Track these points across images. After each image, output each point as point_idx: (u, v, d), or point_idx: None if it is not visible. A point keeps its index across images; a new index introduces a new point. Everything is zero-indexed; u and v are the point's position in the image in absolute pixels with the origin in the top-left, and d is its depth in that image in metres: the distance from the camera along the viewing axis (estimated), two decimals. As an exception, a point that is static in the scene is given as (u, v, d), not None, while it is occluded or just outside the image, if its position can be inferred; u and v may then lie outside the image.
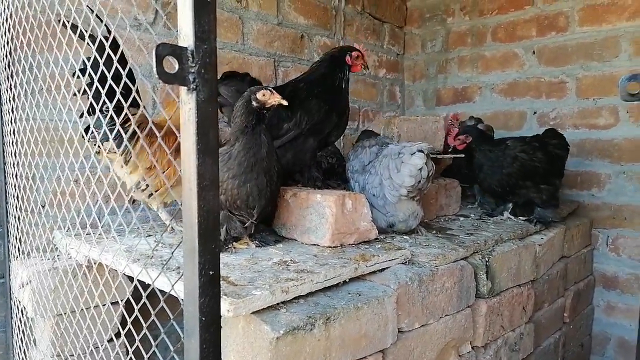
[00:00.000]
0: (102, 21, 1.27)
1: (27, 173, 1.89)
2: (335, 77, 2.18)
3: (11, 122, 1.96)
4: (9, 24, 1.87)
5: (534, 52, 3.47)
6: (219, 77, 2.10)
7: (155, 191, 1.87)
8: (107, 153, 1.78)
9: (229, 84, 2.13)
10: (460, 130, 2.68)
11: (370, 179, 2.10)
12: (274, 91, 1.66)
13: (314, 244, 1.84)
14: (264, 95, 1.64)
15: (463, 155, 2.65)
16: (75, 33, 1.36)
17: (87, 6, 1.22)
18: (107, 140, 1.68)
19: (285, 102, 1.67)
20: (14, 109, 1.91)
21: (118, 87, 1.04)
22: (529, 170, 2.51)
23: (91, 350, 1.87)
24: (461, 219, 2.65)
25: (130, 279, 1.28)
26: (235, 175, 1.66)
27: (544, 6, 3.39)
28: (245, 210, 1.72)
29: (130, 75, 1.06)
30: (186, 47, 0.81)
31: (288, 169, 2.14)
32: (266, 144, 1.69)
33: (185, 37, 0.82)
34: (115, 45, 1.11)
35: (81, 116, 1.51)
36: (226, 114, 2.15)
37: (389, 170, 2.02)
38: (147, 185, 1.84)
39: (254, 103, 1.65)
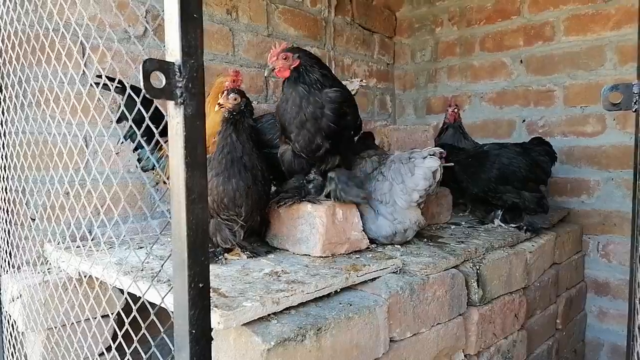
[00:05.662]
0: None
1: (17, 186, 1.88)
2: None
3: (1, 135, 1.95)
4: (-1, 38, 1.88)
5: (521, 61, 3.51)
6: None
7: None
8: (154, 176, 2.18)
9: None
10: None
11: (378, 186, 2.09)
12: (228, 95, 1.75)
13: (305, 254, 1.85)
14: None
15: (452, 164, 2.67)
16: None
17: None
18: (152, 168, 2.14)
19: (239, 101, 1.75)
20: (4, 123, 1.91)
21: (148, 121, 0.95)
22: (507, 175, 2.52)
23: (82, 364, 1.86)
24: (452, 227, 2.67)
25: (121, 291, 1.27)
26: (219, 172, 1.70)
27: (531, 16, 3.44)
28: (234, 210, 1.73)
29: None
30: (173, 62, 0.82)
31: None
32: (241, 144, 1.74)
33: (172, 52, 0.83)
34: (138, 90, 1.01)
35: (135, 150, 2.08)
36: None
37: (402, 175, 2.02)
38: None
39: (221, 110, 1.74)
